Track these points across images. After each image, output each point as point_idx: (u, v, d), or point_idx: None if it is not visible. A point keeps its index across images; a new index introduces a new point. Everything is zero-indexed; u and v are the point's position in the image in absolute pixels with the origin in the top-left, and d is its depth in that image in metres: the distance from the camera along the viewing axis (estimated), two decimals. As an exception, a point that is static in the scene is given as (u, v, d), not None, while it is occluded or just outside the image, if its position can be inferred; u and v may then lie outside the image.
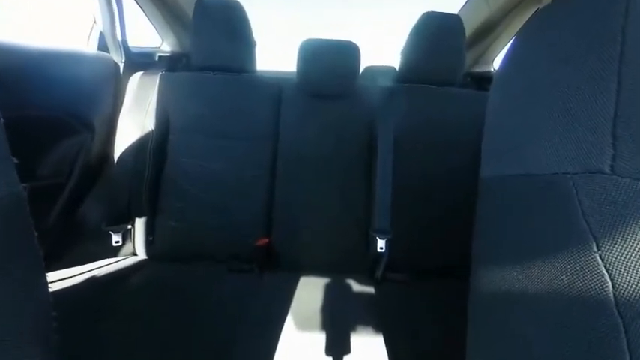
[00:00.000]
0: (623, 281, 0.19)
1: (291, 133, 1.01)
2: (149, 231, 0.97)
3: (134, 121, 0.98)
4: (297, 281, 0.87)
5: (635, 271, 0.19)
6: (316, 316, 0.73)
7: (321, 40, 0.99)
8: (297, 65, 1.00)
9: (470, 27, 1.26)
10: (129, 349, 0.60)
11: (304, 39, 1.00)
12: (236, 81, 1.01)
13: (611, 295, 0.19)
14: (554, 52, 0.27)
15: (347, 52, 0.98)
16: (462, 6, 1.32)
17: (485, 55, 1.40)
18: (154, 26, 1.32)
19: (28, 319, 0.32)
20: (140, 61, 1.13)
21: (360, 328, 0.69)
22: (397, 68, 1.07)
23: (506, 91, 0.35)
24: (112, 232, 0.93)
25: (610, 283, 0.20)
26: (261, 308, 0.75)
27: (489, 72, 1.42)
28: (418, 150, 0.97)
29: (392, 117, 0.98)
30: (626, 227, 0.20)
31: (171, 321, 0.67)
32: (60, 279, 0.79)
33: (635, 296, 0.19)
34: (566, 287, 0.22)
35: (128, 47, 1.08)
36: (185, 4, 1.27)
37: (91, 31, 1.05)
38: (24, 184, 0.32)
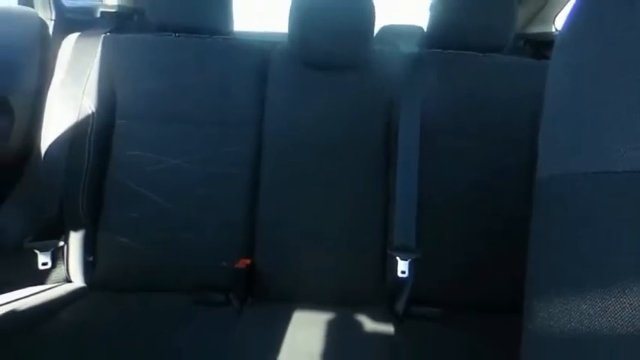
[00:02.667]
0: None
1: (282, 117, 1.01)
2: (89, 249, 0.97)
3: (68, 100, 0.98)
4: (288, 318, 0.87)
5: None
6: None
7: None
8: (290, 25, 1.00)
9: (523, -27, 1.26)
10: None
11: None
12: (206, 46, 1.01)
13: None
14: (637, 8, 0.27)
15: (357, 6, 0.98)
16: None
17: (544, 12, 1.41)
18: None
19: None
20: (76, 20, 1.13)
21: None
22: (425, 28, 1.07)
23: (574, 60, 0.35)
24: (37, 251, 0.93)
25: None
26: (241, 354, 0.75)
27: (550, 34, 1.42)
28: (453, 140, 0.98)
29: (418, 95, 0.98)
30: None
31: None
32: None
33: None
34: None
35: (60, 0, 1.08)
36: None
37: (9, -21, 1.05)
38: None
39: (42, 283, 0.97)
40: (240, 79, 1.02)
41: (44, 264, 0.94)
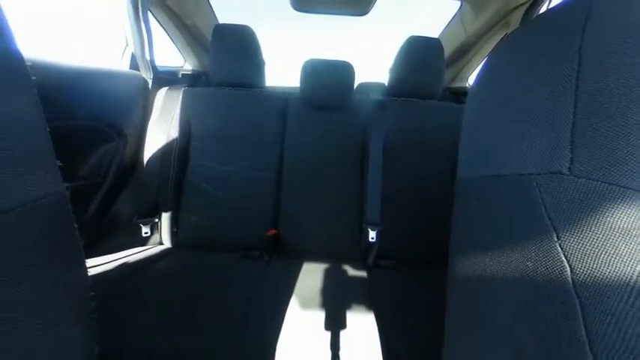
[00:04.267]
0: (579, 267, 0.19)
1: (295, 140, 1.01)
2: (174, 224, 0.97)
3: (161, 130, 0.98)
4: (300, 267, 0.87)
5: (589, 258, 0.19)
6: (317, 297, 0.73)
7: (321, 60, 0.99)
8: (301, 81, 1.00)
9: (448, 48, 1.26)
10: (153, 326, 0.60)
11: (306, 59, 1.00)
12: (249, 95, 1.01)
13: (570, 278, 0.19)
14: (520, 70, 0.27)
15: (343, 70, 0.98)
16: (441, 30, 1.33)
17: (462, 73, 1.40)
18: (178, 48, 1.33)
19: (71, 298, 0.32)
20: (166, 78, 1.13)
21: (354, 307, 0.69)
22: (386, 84, 1.07)
23: (479, 104, 0.35)
24: (141, 225, 0.94)
25: (568, 268, 0.20)
26: (269, 291, 0.75)
27: (465, 87, 1.42)
28: (404, 154, 0.97)
29: (382, 126, 0.98)
30: (582, 221, 0.20)
31: (190, 306, 0.67)
32: (97, 265, 0.79)
33: (590, 279, 0.19)
34: (530, 272, 0.22)
35: (155, 66, 1.08)
36: (204, 29, 1.28)
37: (124, 52, 1.05)
38: (66, 184, 0.32)
39: (144, 245, 0.97)
40: (269, 116, 1.01)
41: (146, 233, 0.94)
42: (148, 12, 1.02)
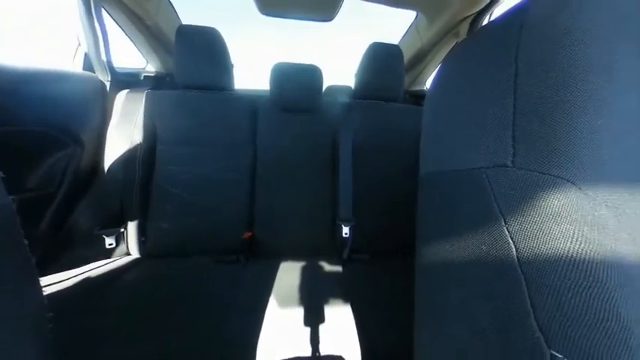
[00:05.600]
0: (523, 247, 0.21)
1: (267, 142, 0.99)
2: (141, 232, 0.90)
3: (122, 135, 0.90)
4: (277, 266, 0.86)
5: (530, 239, 0.21)
6: (295, 294, 0.72)
7: (290, 63, 0.98)
8: (270, 84, 0.98)
9: (407, 54, 1.32)
10: (123, 341, 0.55)
11: (275, 63, 0.99)
12: (218, 98, 0.97)
13: (515, 258, 0.22)
14: (468, 76, 0.30)
15: (312, 73, 0.98)
16: (400, 38, 1.39)
17: (420, 77, 1.48)
18: (138, 49, 1.23)
19: (25, 322, 0.29)
20: (126, 80, 1.04)
21: (331, 300, 0.70)
22: (352, 87, 1.09)
23: (435, 106, 0.37)
24: (105, 236, 0.85)
25: (514, 248, 0.22)
26: (248, 290, 0.72)
27: (423, 90, 1.50)
28: (372, 153, 1.00)
29: (350, 127, 0.99)
30: (524, 207, 0.22)
31: (165, 311, 0.63)
32: (55, 282, 0.70)
33: (531, 257, 0.21)
34: (484, 255, 0.24)
35: (113, 67, 0.99)
36: (167, 30, 1.20)
37: (75, 52, 0.94)
38: (12, 197, 0.28)
39: (109, 257, 0.88)
40: (239, 118, 0.98)
41: (110, 244, 0.86)
42: (102, 9, 0.93)
